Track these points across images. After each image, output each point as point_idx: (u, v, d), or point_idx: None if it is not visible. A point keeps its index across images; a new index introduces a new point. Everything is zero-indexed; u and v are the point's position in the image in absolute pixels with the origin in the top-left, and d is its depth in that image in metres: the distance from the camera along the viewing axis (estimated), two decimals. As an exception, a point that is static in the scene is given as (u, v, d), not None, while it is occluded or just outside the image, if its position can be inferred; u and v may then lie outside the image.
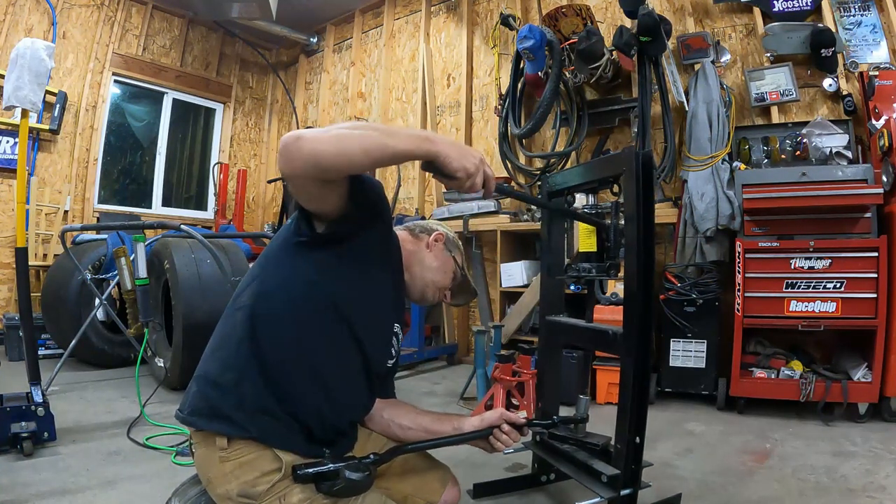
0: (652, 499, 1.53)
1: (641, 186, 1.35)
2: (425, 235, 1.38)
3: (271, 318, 1.10)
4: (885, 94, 2.71)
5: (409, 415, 1.35)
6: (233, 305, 1.17)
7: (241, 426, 1.06)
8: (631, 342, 1.36)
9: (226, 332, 1.14)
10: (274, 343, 1.09)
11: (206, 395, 1.09)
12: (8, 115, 4.24)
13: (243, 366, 1.07)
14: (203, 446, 1.09)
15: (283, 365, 1.09)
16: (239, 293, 1.18)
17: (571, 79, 3.66)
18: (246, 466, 1.06)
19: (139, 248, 2.63)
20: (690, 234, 3.06)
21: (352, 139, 0.94)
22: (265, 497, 1.05)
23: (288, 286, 1.12)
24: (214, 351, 1.14)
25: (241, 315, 1.12)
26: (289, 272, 1.13)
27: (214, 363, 1.12)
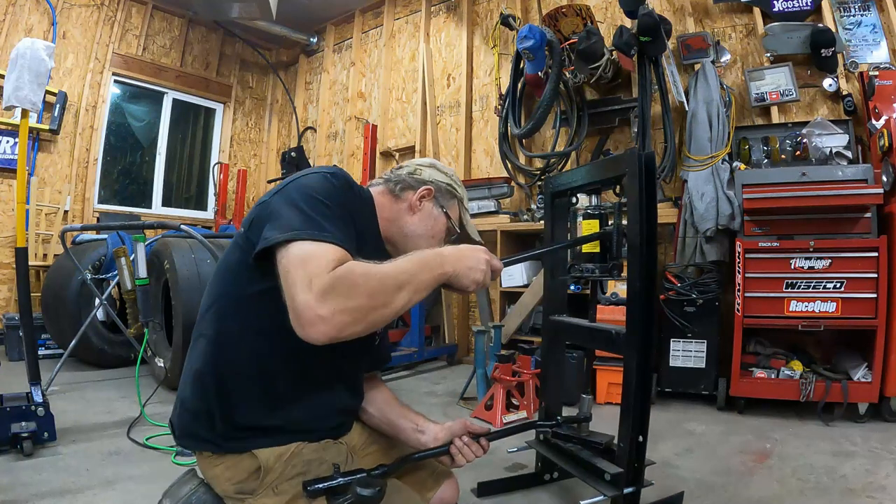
0: (653, 498, 1.53)
1: (644, 187, 1.35)
2: (408, 193, 1.20)
3: (232, 345, 1.04)
4: (885, 94, 2.72)
5: (377, 401, 1.30)
6: (196, 331, 1.12)
7: (218, 445, 1.06)
8: (634, 342, 1.36)
9: (191, 359, 1.10)
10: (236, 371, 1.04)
11: (184, 419, 1.09)
12: (8, 115, 4.24)
13: (210, 399, 1.05)
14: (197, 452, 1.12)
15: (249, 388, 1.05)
16: (200, 317, 1.12)
17: (571, 79, 3.66)
18: (233, 469, 1.07)
19: (139, 248, 2.63)
20: (690, 234, 3.06)
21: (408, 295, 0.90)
22: (259, 490, 1.06)
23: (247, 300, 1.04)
24: (185, 375, 1.11)
25: (202, 344, 1.08)
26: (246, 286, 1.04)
27: (187, 389, 1.10)
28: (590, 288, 1.80)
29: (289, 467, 1.08)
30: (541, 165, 4.02)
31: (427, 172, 1.22)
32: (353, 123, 5.49)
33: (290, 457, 1.07)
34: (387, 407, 1.31)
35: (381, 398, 1.34)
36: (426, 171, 1.22)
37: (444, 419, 1.42)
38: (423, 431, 1.25)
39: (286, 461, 1.07)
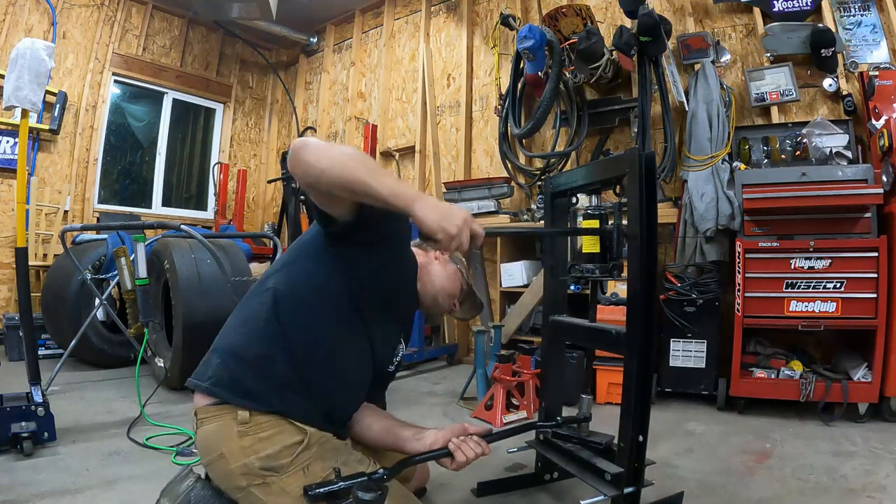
0: (653, 498, 1.53)
1: (644, 187, 1.35)
2: (431, 249, 1.45)
3: (296, 303, 1.17)
4: (885, 94, 2.72)
5: (373, 416, 1.37)
6: (260, 286, 1.24)
7: (266, 400, 1.10)
8: (634, 342, 1.36)
9: (251, 310, 1.20)
10: (297, 325, 1.15)
11: (230, 367, 1.13)
12: (8, 115, 4.23)
13: (270, 342, 1.13)
14: (216, 420, 1.12)
15: (305, 347, 1.15)
16: (267, 277, 1.25)
17: (571, 79, 3.66)
18: (266, 441, 1.09)
19: (139, 248, 2.62)
20: (690, 234, 3.06)
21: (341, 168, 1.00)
22: (289, 468, 1.09)
23: (311, 275, 1.19)
24: (239, 326, 1.20)
25: (267, 296, 1.18)
26: (313, 263, 1.20)
27: (239, 337, 1.17)
28: (590, 288, 1.80)
29: (323, 450, 1.13)
30: (541, 165, 4.02)
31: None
32: (353, 123, 5.49)
33: (326, 440, 1.15)
34: (384, 421, 1.36)
35: (380, 412, 1.41)
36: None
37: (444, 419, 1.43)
38: (422, 438, 1.28)
39: (323, 444, 1.14)
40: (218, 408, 1.12)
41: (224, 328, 1.23)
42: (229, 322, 1.24)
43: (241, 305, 1.26)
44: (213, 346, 1.21)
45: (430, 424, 1.35)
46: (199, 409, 1.16)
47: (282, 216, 4.85)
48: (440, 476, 1.77)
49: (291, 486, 1.07)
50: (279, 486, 1.08)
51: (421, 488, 1.62)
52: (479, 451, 1.25)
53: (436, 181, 4.67)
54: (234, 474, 1.09)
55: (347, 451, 1.20)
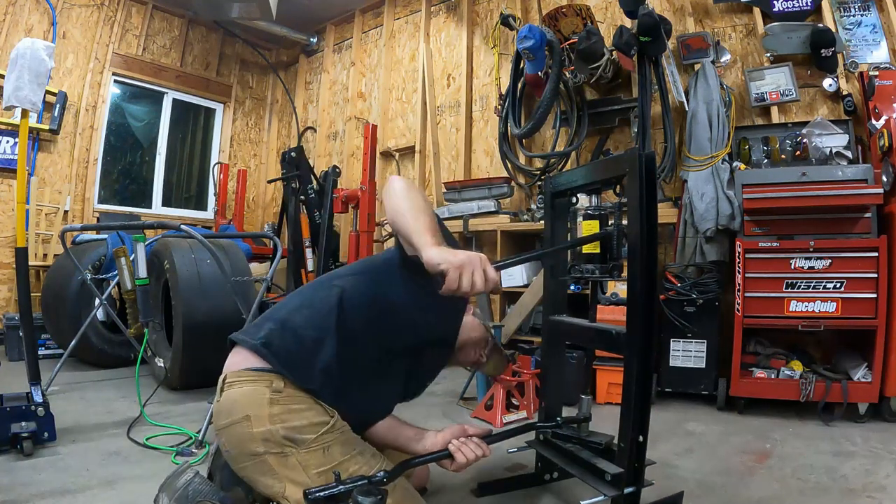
0: (653, 498, 1.52)
1: (644, 187, 1.35)
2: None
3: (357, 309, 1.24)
4: (885, 94, 2.72)
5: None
6: (328, 282, 1.32)
7: (307, 378, 1.16)
8: (635, 342, 1.36)
9: (318, 298, 1.27)
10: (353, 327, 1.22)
11: (283, 336, 1.20)
12: (8, 115, 4.24)
13: (327, 330, 1.20)
14: (248, 384, 1.15)
15: (352, 347, 1.21)
16: (337, 276, 1.34)
17: (571, 79, 3.66)
18: (295, 413, 1.13)
19: (139, 248, 2.62)
20: (690, 234, 3.06)
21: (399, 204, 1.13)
22: (311, 444, 1.12)
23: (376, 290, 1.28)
24: (301, 307, 1.27)
25: (335, 291, 1.26)
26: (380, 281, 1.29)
27: (300, 316, 1.24)
28: (590, 288, 1.80)
29: (345, 437, 1.18)
30: (541, 165, 4.02)
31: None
32: (353, 123, 5.49)
33: (348, 430, 1.21)
34: (389, 420, 1.38)
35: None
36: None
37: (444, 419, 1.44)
38: (423, 439, 1.29)
39: (345, 431, 1.19)
40: (255, 373, 1.15)
41: (281, 305, 1.31)
42: (288, 301, 1.31)
43: (304, 291, 1.34)
44: (268, 316, 1.28)
45: (430, 424, 1.36)
46: (231, 373, 1.18)
47: (282, 216, 4.85)
48: (440, 476, 1.77)
49: (308, 461, 1.10)
50: (296, 460, 1.10)
51: (421, 488, 1.62)
52: (480, 452, 1.26)
53: (436, 181, 4.67)
54: (254, 438, 1.10)
55: (363, 444, 1.24)
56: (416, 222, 1.09)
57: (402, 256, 1.27)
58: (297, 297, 1.34)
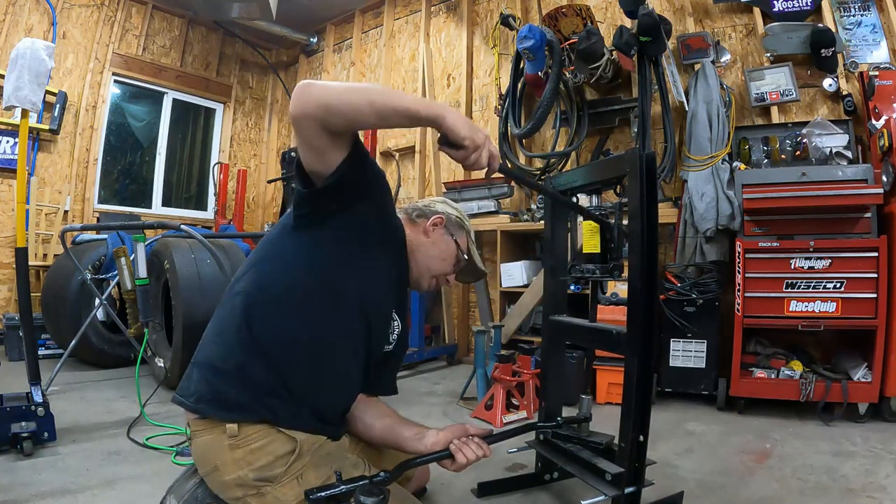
0: (653, 498, 1.53)
1: (645, 187, 1.35)
2: (423, 220, 1.34)
3: (269, 303, 1.12)
4: (885, 94, 2.72)
5: (376, 413, 1.34)
6: (230, 292, 1.18)
7: (250, 410, 1.07)
8: (635, 341, 1.36)
9: (224, 318, 1.15)
10: (272, 327, 1.10)
11: (210, 381, 1.10)
12: (8, 115, 4.23)
13: (245, 351, 1.09)
14: (207, 434, 1.09)
15: (282, 347, 1.10)
16: (236, 280, 1.20)
17: (571, 79, 3.66)
18: (258, 452, 1.07)
19: (139, 248, 2.62)
20: (690, 234, 3.06)
21: (359, 91, 0.98)
22: (283, 478, 1.07)
23: (286, 270, 1.14)
24: (214, 337, 1.15)
25: (238, 300, 1.13)
26: (286, 256, 1.15)
27: (215, 349, 1.13)
28: (590, 288, 1.80)
29: (316, 457, 1.11)
30: (541, 165, 4.02)
31: (439, 206, 1.38)
32: (353, 123, 5.48)
33: (319, 447, 1.13)
34: (386, 419, 1.34)
35: (384, 410, 1.38)
36: (438, 205, 1.39)
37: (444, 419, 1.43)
38: (423, 437, 1.27)
39: (315, 450, 1.12)
40: (207, 421, 1.09)
41: (202, 339, 1.18)
42: (206, 332, 1.19)
43: (215, 314, 1.20)
44: (194, 360, 1.16)
45: (430, 424, 1.34)
46: (190, 421, 1.14)
47: (282, 216, 4.85)
48: (440, 476, 1.77)
49: (287, 495, 1.06)
50: (274, 496, 1.06)
51: (421, 488, 1.62)
52: (481, 453, 1.23)
53: (436, 181, 4.67)
54: (229, 486, 1.08)
55: (342, 456, 1.17)
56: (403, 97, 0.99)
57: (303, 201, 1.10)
58: (211, 323, 1.20)
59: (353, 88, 0.99)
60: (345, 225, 1.12)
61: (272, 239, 1.20)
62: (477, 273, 1.43)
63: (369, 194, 1.13)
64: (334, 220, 1.11)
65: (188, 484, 1.20)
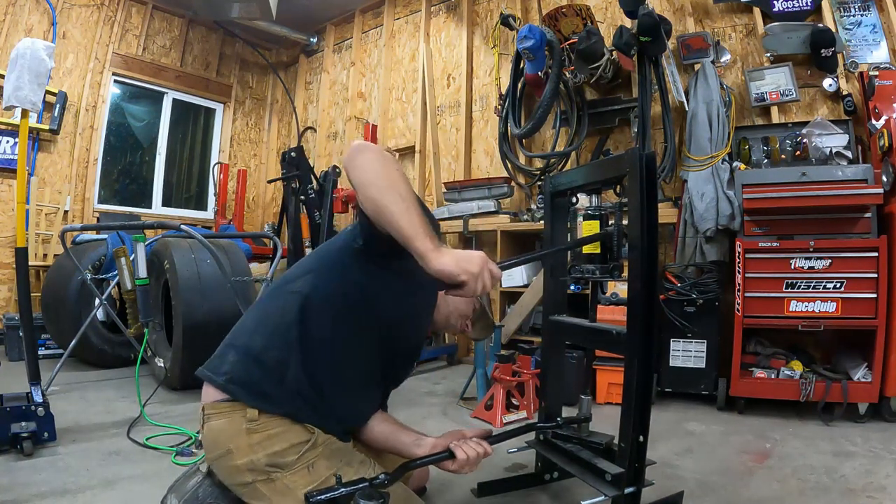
0: (653, 498, 1.52)
1: (645, 187, 1.35)
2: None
3: (324, 310, 1.16)
4: (885, 94, 2.72)
5: (375, 418, 1.36)
6: (284, 287, 1.22)
7: (279, 404, 1.11)
8: (635, 341, 1.36)
9: (274, 312, 1.19)
10: (322, 332, 1.15)
11: (248, 367, 1.14)
12: (8, 115, 4.24)
13: (291, 350, 1.13)
14: (224, 416, 1.12)
15: (326, 354, 1.15)
16: (292, 278, 1.23)
17: (571, 79, 3.66)
18: (275, 438, 1.10)
19: (139, 248, 2.62)
20: (690, 234, 3.06)
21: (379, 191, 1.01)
22: (294, 465, 1.10)
23: (341, 284, 1.18)
24: (258, 326, 1.19)
25: (293, 299, 1.17)
26: (343, 273, 1.19)
27: (259, 338, 1.16)
28: (590, 288, 1.80)
29: (329, 450, 1.15)
30: (541, 165, 4.02)
31: None
32: (354, 123, 5.49)
33: (331, 441, 1.17)
34: (387, 422, 1.36)
35: (383, 416, 1.41)
36: None
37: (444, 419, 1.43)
38: (421, 444, 1.29)
39: (328, 444, 1.16)
40: (228, 404, 1.12)
41: (241, 324, 1.23)
42: (247, 320, 1.23)
43: (261, 305, 1.25)
44: (229, 342, 1.20)
45: (431, 425, 1.36)
46: (207, 404, 1.16)
47: (282, 216, 4.85)
48: (440, 476, 1.77)
49: (295, 482, 1.09)
50: (283, 483, 1.09)
51: (421, 488, 1.62)
52: (481, 450, 1.24)
53: (436, 181, 4.67)
54: (240, 470, 1.10)
55: (351, 453, 1.21)
56: (410, 222, 0.98)
57: (363, 238, 1.15)
58: (254, 311, 1.25)
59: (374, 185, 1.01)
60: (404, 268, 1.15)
61: (335, 249, 1.24)
62: (489, 324, 1.52)
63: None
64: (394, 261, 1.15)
65: (189, 483, 1.20)
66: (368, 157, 1.04)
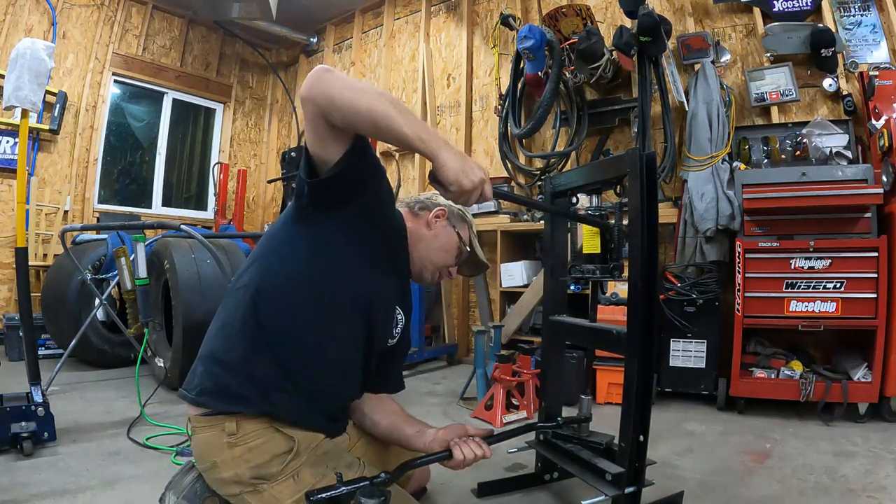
0: (653, 497, 1.53)
1: (645, 187, 1.35)
2: (425, 212, 1.34)
3: (274, 295, 1.12)
4: (885, 94, 2.72)
5: (385, 411, 1.35)
6: (234, 285, 1.18)
7: (252, 403, 1.08)
8: (635, 341, 1.36)
9: (228, 313, 1.15)
10: (276, 322, 1.10)
11: (214, 373, 1.11)
12: (8, 115, 4.23)
13: (251, 343, 1.09)
14: (206, 431, 1.10)
15: (286, 338, 1.11)
16: (241, 274, 1.20)
17: (571, 79, 3.66)
18: (256, 450, 1.08)
19: (139, 248, 2.62)
20: (690, 234, 3.06)
21: (367, 97, 0.95)
22: (279, 476, 1.08)
23: (289, 262, 1.13)
24: (219, 330, 1.16)
25: (242, 293, 1.13)
26: (290, 249, 1.14)
27: (219, 341, 1.13)
28: (590, 288, 1.80)
29: (313, 456, 1.12)
30: (541, 165, 4.02)
31: (441, 199, 1.34)
32: (353, 123, 5.48)
33: (316, 446, 1.14)
34: (395, 416, 1.36)
35: (391, 408, 1.39)
36: (440, 198, 1.35)
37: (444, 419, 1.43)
38: (423, 435, 1.29)
39: (312, 450, 1.12)
40: (208, 418, 1.10)
41: (206, 335, 1.19)
42: (210, 328, 1.19)
43: (219, 310, 1.20)
44: (199, 355, 1.17)
45: (430, 424, 1.35)
46: (191, 417, 1.15)
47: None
48: (440, 476, 1.77)
49: (282, 493, 1.07)
50: (270, 494, 1.07)
51: (421, 488, 1.62)
52: (480, 452, 1.23)
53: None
54: (227, 482, 1.09)
55: (338, 456, 1.17)
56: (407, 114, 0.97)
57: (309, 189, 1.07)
58: (215, 318, 1.20)
59: (363, 91, 0.96)
60: (345, 218, 1.11)
61: (274, 233, 1.20)
62: (479, 266, 1.42)
63: (369, 189, 1.13)
64: (334, 213, 1.11)
65: (186, 479, 1.20)
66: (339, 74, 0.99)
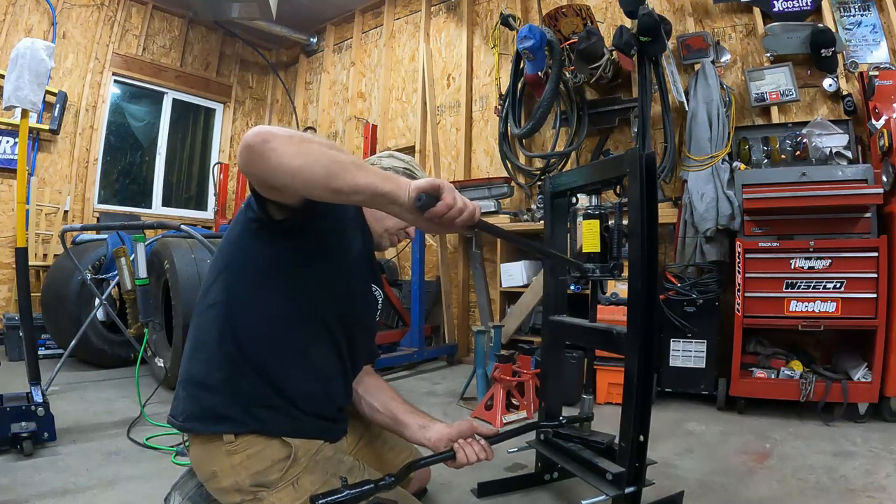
0: (653, 497, 1.53)
1: (645, 187, 1.35)
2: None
3: (245, 311, 1.09)
4: (885, 94, 2.72)
5: (382, 397, 1.35)
6: (203, 303, 1.15)
7: (240, 422, 1.06)
8: (635, 341, 1.36)
9: (201, 332, 1.13)
10: (253, 334, 1.09)
11: (197, 397, 1.09)
12: (8, 115, 4.23)
13: (231, 363, 1.07)
14: (204, 443, 1.09)
15: (267, 352, 1.09)
16: (207, 288, 1.16)
17: (571, 79, 3.66)
18: (255, 457, 1.07)
19: (139, 248, 2.62)
20: (690, 234, 3.06)
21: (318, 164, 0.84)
22: (279, 483, 1.07)
23: (255, 273, 1.10)
24: (195, 352, 1.13)
25: (213, 313, 1.11)
26: (253, 259, 1.10)
27: (197, 364, 1.11)
28: (590, 288, 1.80)
29: (312, 462, 1.11)
30: (541, 165, 4.02)
31: (385, 161, 1.32)
32: (353, 123, 5.49)
33: (315, 452, 1.12)
34: (392, 403, 1.35)
35: (385, 395, 1.37)
36: (384, 160, 1.32)
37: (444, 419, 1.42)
38: (428, 429, 1.27)
39: (311, 456, 1.11)
40: (204, 435, 1.10)
41: (182, 358, 1.16)
42: (185, 350, 1.16)
43: (191, 327, 1.17)
44: (178, 379, 1.15)
45: (432, 416, 1.35)
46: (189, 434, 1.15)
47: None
48: (441, 476, 1.77)
49: (283, 500, 1.06)
50: (270, 502, 1.07)
51: (422, 488, 1.62)
52: (483, 455, 1.22)
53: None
54: (227, 491, 1.08)
55: (338, 461, 1.16)
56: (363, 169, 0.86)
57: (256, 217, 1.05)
58: (189, 338, 1.17)
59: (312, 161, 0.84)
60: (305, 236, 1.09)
61: (233, 241, 1.14)
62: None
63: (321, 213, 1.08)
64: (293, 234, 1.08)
65: (193, 481, 1.20)
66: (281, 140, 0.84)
